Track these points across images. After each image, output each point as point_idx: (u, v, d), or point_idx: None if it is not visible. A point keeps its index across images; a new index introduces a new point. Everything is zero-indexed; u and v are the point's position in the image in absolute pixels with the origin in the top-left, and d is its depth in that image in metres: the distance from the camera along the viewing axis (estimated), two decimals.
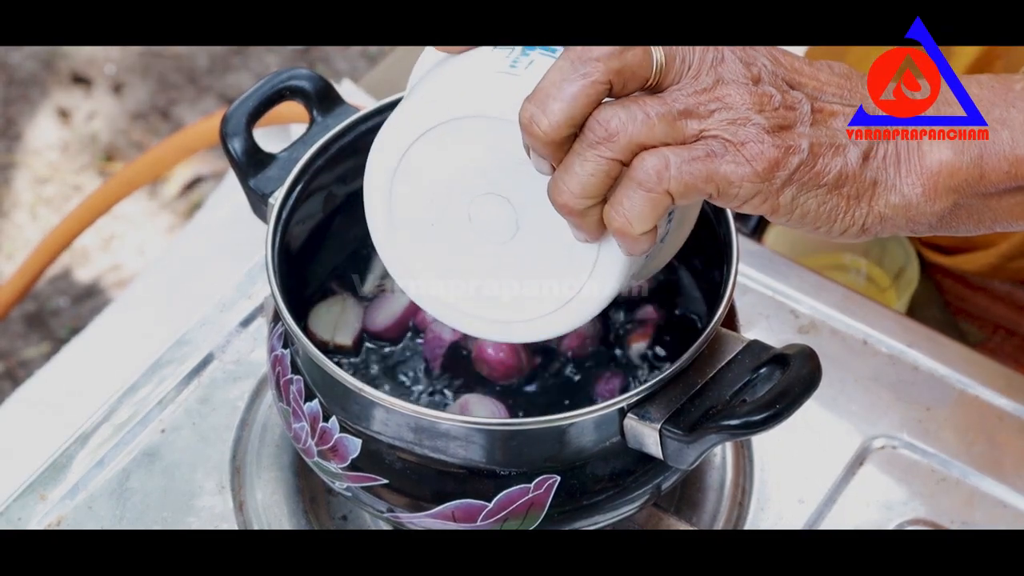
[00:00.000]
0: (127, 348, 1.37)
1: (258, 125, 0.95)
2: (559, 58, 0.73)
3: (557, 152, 0.74)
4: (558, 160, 0.74)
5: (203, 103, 2.39)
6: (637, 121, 0.73)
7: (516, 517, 0.86)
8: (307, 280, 0.99)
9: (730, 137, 0.73)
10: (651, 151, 0.73)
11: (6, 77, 2.41)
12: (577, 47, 0.73)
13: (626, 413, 0.83)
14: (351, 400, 0.86)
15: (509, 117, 0.76)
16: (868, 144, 0.76)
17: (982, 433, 1.05)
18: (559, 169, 0.74)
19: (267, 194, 0.93)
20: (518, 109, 0.74)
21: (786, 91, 0.75)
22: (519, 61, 0.79)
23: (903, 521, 1.01)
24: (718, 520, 1.00)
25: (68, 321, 2.15)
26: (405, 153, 0.80)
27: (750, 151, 0.73)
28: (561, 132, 0.73)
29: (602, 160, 0.73)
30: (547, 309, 0.83)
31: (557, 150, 0.74)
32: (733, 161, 0.73)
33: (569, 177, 0.73)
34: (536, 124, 0.73)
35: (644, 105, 0.73)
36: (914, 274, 1.24)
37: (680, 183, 0.73)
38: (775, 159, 0.74)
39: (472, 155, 0.79)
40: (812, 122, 0.75)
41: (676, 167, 0.73)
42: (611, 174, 0.73)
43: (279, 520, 1.00)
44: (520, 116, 0.73)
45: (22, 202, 2.28)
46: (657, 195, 0.73)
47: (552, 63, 0.74)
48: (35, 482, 1.01)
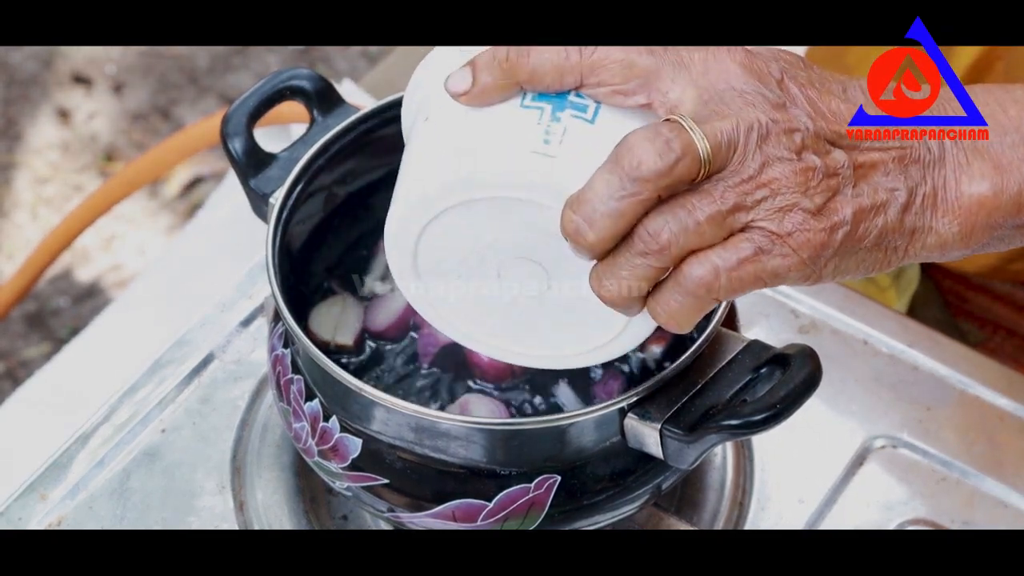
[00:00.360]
0: (127, 348, 1.37)
1: (258, 125, 0.95)
2: (606, 170, 0.71)
3: (602, 255, 0.73)
4: (602, 258, 0.73)
5: (203, 103, 2.39)
6: (688, 231, 0.71)
7: (516, 517, 0.86)
8: (307, 280, 0.99)
9: (777, 229, 0.72)
10: (700, 258, 0.72)
11: (7, 77, 2.41)
12: (625, 156, 0.70)
13: (626, 413, 0.83)
14: (351, 400, 0.86)
15: (548, 204, 0.74)
16: (907, 192, 0.74)
17: (982, 433, 1.05)
18: (604, 266, 0.73)
19: (267, 194, 0.93)
20: (556, 193, 0.72)
21: (828, 152, 0.73)
22: (551, 132, 0.74)
23: (903, 521, 1.01)
24: (718, 520, 1.00)
25: (68, 321, 2.15)
26: (435, 218, 0.77)
27: (797, 240, 0.72)
28: (607, 245, 0.71)
29: (651, 268, 0.72)
30: (574, 351, 0.82)
31: (602, 254, 0.72)
32: (780, 254, 0.72)
33: (615, 279, 0.72)
34: (582, 235, 0.71)
35: (694, 211, 0.71)
36: (914, 274, 1.24)
37: (729, 289, 0.72)
38: (822, 243, 0.72)
39: (505, 227, 0.77)
40: (854, 182, 0.73)
41: (725, 275, 0.72)
42: (658, 278, 0.72)
43: (279, 520, 1.00)
44: (564, 224, 0.72)
45: (22, 202, 2.28)
46: (705, 300, 0.72)
47: (591, 145, 0.72)
48: (35, 482, 1.01)
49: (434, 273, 0.80)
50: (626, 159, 0.70)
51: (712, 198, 0.71)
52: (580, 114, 0.75)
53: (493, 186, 0.74)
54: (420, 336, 0.97)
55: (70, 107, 2.38)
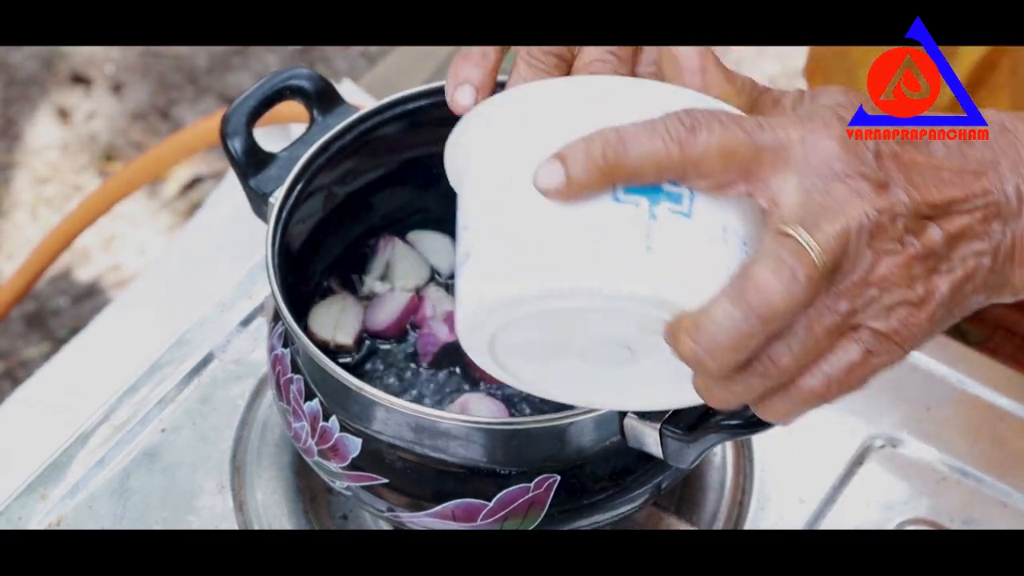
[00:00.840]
0: (127, 348, 1.37)
1: (258, 125, 0.95)
2: (729, 303, 0.68)
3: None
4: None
5: (203, 103, 2.39)
6: (808, 351, 0.70)
7: (516, 516, 0.86)
8: (307, 279, 0.99)
9: (885, 329, 0.70)
10: (812, 371, 0.70)
11: (6, 77, 2.41)
12: (750, 291, 0.68)
13: (626, 412, 0.83)
14: (351, 399, 0.86)
15: (651, 312, 0.69)
16: (992, 253, 0.73)
17: (982, 433, 1.05)
18: (714, 379, 0.71)
19: (267, 193, 0.93)
20: (662, 303, 0.68)
21: (924, 230, 0.71)
22: (652, 233, 0.68)
23: (903, 520, 1.01)
24: (718, 519, 1.00)
25: (68, 321, 2.15)
26: (522, 311, 0.70)
27: (902, 336, 0.71)
28: (729, 374, 0.70)
29: (766, 387, 0.70)
30: (649, 404, 0.80)
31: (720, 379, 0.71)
32: (887, 351, 0.71)
33: (727, 392, 0.71)
34: (703, 365, 0.69)
35: (813, 329, 0.69)
36: None
37: (838, 394, 0.71)
38: (924, 332, 0.72)
39: (597, 325, 0.72)
40: (948, 255, 0.72)
41: (836, 385, 0.71)
42: (771, 392, 0.71)
43: (279, 520, 1.00)
44: (680, 349, 0.69)
45: (22, 202, 2.28)
46: (815, 406, 0.72)
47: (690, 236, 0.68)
48: (35, 481, 1.01)
49: (512, 357, 0.75)
50: (753, 296, 0.68)
51: (828, 310, 0.70)
52: (677, 207, 0.69)
53: (591, 295, 0.68)
54: (420, 335, 0.97)
55: (69, 107, 2.38)
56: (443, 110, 0.79)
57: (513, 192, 0.70)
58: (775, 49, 2.43)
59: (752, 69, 2.40)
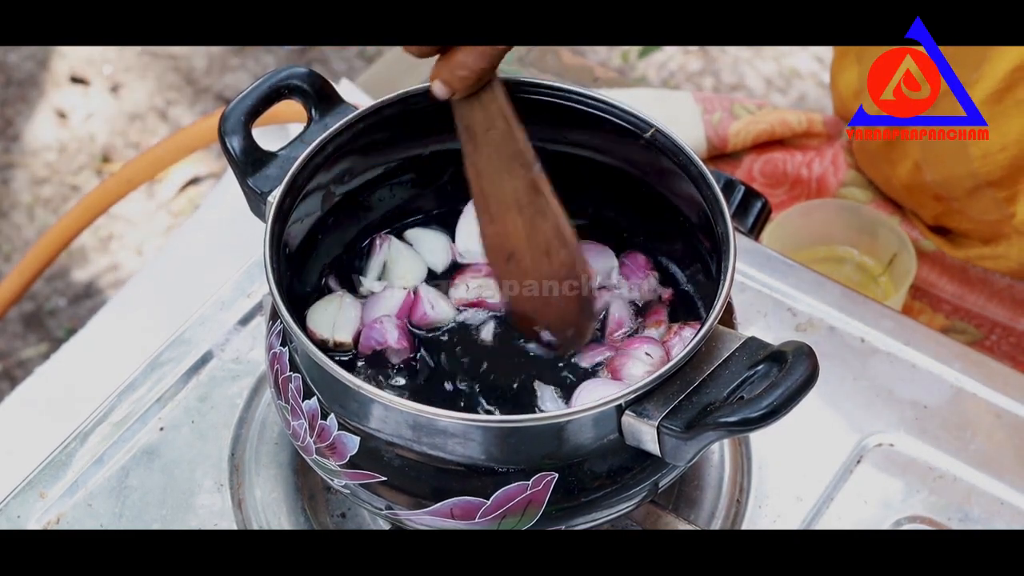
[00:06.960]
0: (125, 347, 1.37)
1: (256, 124, 0.95)
2: None
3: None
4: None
5: (201, 104, 2.39)
6: None
7: (514, 514, 0.86)
8: (305, 278, 0.99)
9: None
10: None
11: (4, 77, 2.41)
12: None
13: (624, 410, 0.83)
14: (349, 397, 0.86)
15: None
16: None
17: (979, 430, 1.05)
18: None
19: (265, 192, 0.93)
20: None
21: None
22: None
23: (900, 518, 1.01)
24: (716, 517, 1.00)
25: (66, 321, 2.15)
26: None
27: None
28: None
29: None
30: None
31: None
32: None
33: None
34: None
35: None
36: (911, 264, 1.23)
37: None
38: None
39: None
40: None
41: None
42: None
43: (278, 518, 1.00)
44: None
45: (20, 202, 2.28)
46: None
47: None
48: (34, 480, 1.02)
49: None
50: None
51: None
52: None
53: None
54: (419, 335, 0.97)
55: (67, 107, 2.38)
56: (440, 110, 0.79)
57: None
58: (774, 49, 2.43)
59: (751, 69, 2.40)
